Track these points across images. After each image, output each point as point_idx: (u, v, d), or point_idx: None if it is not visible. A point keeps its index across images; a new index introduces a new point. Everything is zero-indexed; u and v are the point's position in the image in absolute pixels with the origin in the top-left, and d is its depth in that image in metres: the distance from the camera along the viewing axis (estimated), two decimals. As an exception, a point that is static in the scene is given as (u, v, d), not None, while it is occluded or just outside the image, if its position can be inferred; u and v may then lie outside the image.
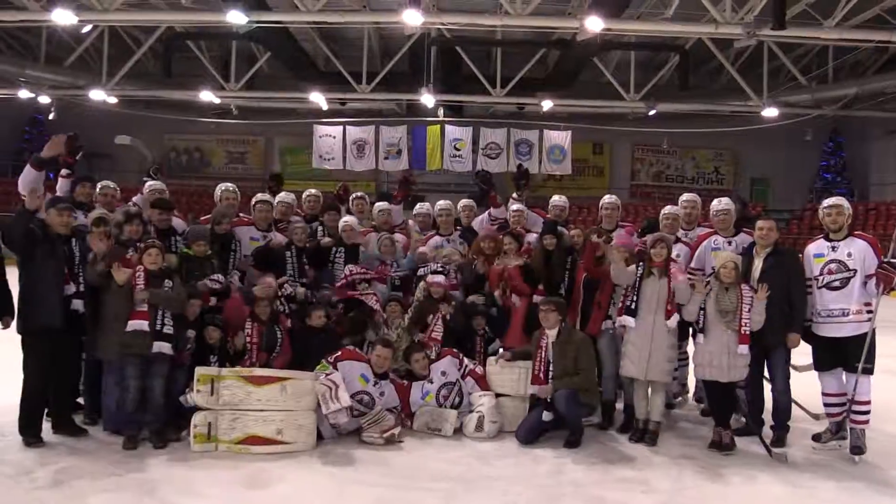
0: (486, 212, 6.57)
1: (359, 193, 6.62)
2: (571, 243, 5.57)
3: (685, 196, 5.73)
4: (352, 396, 4.72)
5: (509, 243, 5.74)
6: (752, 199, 21.81)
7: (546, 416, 4.73)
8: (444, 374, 5.16)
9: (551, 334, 4.87)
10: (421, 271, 5.58)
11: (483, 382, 5.15)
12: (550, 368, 4.83)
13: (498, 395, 5.06)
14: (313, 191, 6.52)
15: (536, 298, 5.25)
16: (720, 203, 5.35)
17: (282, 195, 6.29)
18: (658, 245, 4.86)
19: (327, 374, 4.70)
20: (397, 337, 5.36)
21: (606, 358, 5.19)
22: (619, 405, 5.34)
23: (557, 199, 6.38)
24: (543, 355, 4.86)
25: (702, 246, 5.34)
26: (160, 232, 5.20)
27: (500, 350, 5.35)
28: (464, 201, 6.67)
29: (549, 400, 4.74)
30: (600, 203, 5.98)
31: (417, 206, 6.77)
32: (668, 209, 5.64)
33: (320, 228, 6.05)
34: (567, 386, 4.69)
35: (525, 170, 6.86)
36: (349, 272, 5.48)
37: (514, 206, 6.29)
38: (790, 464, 4.45)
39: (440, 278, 5.39)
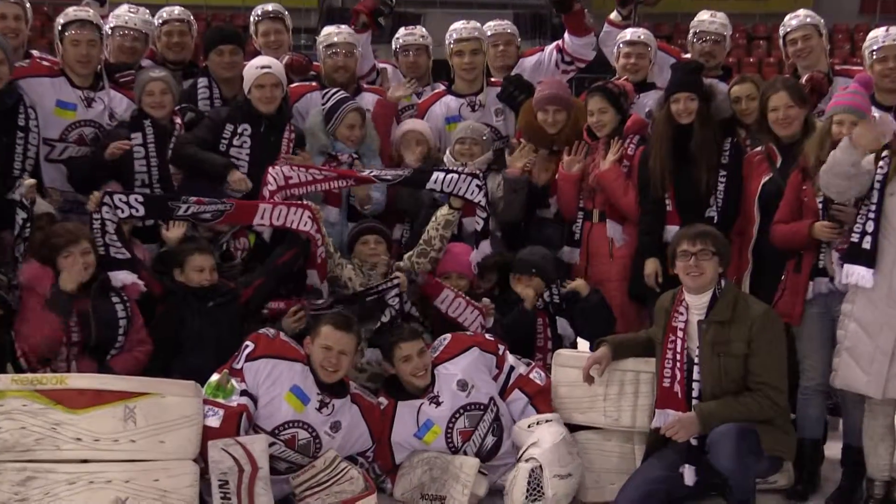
0: (554, 45, 6.38)
1: (269, 7, 6.40)
2: (734, 112, 5.37)
3: None
4: (275, 432, 4.60)
5: (601, 109, 5.49)
6: None
7: (687, 473, 4.50)
8: (463, 385, 4.90)
9: (696, 304, 4.62)
10: (433, 182, 5.35)
11: (543, 400, 5.00)
12: (695, 378, 4.58)
13: (573, 430, 4.92)
14: (177, 10, 6.22)
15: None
16: None
17: (122, 9, 6.00)
18: None
19: (230, 409, 4.42)
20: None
21: (810, 355, 4.97)
22: (832, 450, 5.16)
23: (707, 18, 6.12)
24: (679, 350, 4.63)
25: None
26: None
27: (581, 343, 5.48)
28: (496, 25, 6.40)
29: (692, 443, 4.52)
30: (782, 27, 5.82)
31: (403, 32, 6.46)
32: None
33: (203, 86, 5.86)
34: (729, 416, 4.46)
35: None
36: (280, 178, 5.26)
37: (629, 35, 6.04)
38: None
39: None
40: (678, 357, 4.61)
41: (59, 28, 5.54)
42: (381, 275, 5.33)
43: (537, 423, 4.83)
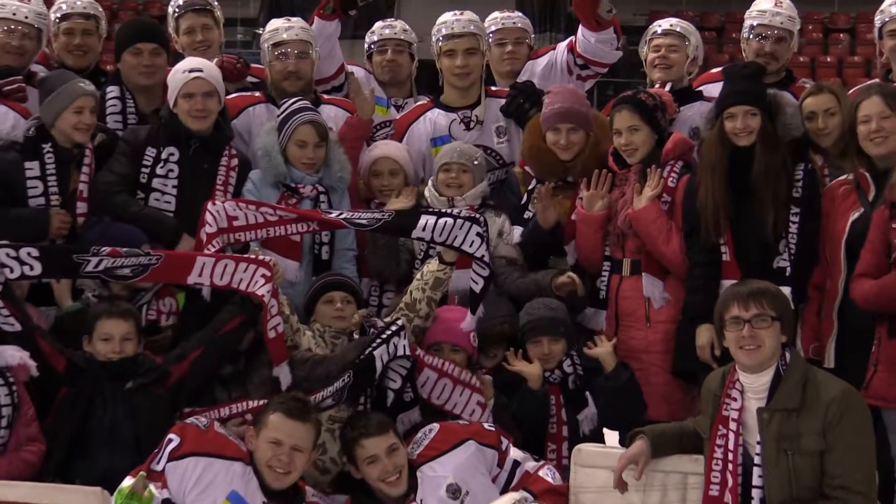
0: (566, 43, 6.10)
1: None
2: (807, 131, 5.07)
3: None
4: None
5: (631, 127, 5.18)
6: None
7: None
8: (455, 491, 4.61)
9: (753, 386, 4.30)
10: (421, 229, 4.98)
11: (552, 501, 4.70)
12: (755, 484, 4.28)
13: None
14: (80, 1, 5.83)
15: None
16: None
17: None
18: None
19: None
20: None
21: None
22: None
23: (770, 8, 5.80)
24: (732, 447, 4.34)
25: None
26: None
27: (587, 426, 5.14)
28: (503, 17, 6.13)
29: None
30: (879, 14, 5.52)
31: (380, 26, 6.25)
32: None
33: (113, 97, 5.50)
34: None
35: None
36: (223, 218, 4.91)
37: (661, 25, 5.81)
38: None
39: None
40: (730, 456, 4.24)
41: None
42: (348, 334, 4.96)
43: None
